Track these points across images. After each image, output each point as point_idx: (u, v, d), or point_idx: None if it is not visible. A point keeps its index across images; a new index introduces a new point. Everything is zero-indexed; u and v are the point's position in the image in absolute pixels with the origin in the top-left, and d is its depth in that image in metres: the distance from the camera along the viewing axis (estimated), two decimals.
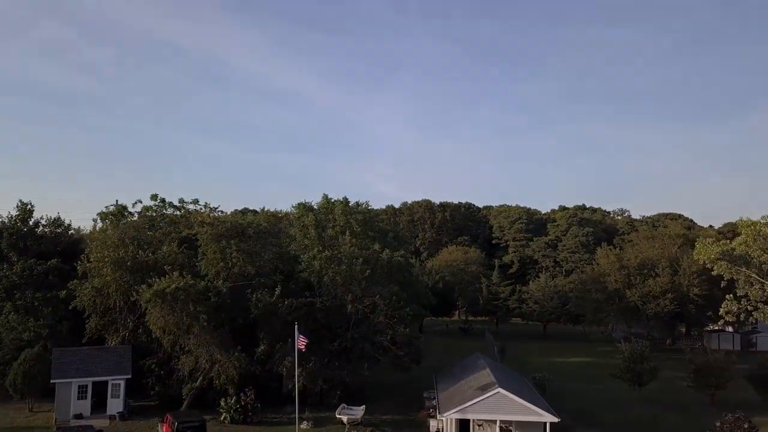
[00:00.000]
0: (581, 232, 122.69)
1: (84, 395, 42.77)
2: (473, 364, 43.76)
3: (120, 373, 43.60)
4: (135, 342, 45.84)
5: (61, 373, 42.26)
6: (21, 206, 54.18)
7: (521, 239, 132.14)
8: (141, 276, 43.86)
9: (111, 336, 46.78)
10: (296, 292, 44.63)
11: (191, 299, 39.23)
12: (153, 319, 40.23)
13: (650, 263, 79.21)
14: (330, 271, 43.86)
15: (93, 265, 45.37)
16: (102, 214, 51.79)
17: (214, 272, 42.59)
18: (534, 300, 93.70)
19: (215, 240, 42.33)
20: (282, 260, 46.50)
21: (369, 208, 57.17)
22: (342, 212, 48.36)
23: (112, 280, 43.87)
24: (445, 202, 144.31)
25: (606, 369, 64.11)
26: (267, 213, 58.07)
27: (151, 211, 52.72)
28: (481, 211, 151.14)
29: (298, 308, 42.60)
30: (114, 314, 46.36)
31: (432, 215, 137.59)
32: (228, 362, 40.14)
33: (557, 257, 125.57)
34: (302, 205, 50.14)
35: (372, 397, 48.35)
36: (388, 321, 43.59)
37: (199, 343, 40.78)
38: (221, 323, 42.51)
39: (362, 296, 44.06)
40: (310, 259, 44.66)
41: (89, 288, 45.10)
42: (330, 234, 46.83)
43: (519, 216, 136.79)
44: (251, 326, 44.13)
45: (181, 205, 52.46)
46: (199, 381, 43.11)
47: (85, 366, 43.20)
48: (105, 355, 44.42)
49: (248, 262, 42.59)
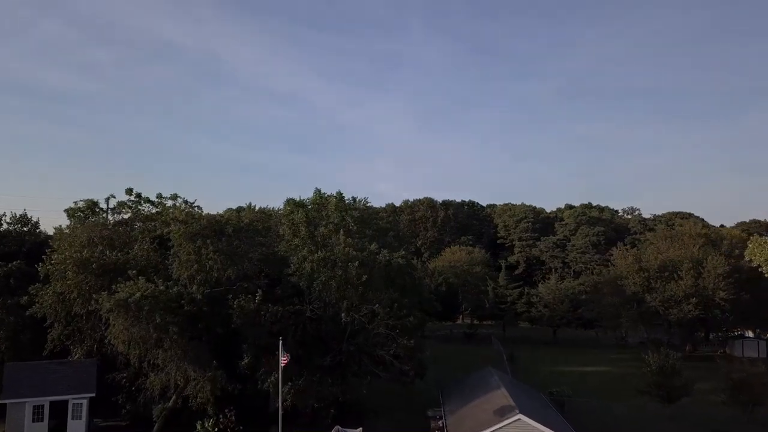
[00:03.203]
0: (591, 232, 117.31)
1: (40, 417, 37.44)
2: (485, 380, 38.42)
3: (82, 391, 38.30)
4: (103, 354, 40.44)
5: (13, 391, 36.98)
6: None
7: (527, 239, 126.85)
8: (108, 280, 38.40)
9: (76, 347, 41.42)
10: (283, 298, 39.18)
11: (160, 308, 33.78)
12: (115, 332, 34.77)
13: (671, 265, 73.73)
14: (323, 274, 38.40)
15: (54, 268, 39.95)
16: (70, 210, 46.40)
17: (187, 276, 37.12)
18: (543, 303, 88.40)
19: (189, 239, 36.83)
20: (268, 262, 40.99)
21: (367, 205, 51.69)
22: (336, 208, 42.84)
23: (74, 284, 38.44)
24: (448, 200, 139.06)
25: (625, 380, 58.97)
26: (254, 209, 52.56)
27: (126, 207, 47.37)
28: (485, 210, 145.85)
29: (284, 317, 37.16)
30: (79, 323, 40.97)
31: (434, 214, 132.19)
32: (203, 380, 34.73)
33: (566, 258, 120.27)
34: (292, 201, 44.53)
35: (370, 415, 43.11)
36: (388, 332, 38.13)
37: (170, 358, 35.35)
38: (197, 334, 37.10)
39: (359, 304, 38.57)
40: (300, 261, 39.21)
41: (50, 293, 39.71)
42: (323, 232, 41.34)
43: (525, 215, 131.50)
44: (232, 337, 38.68)
45: (158, 200, 47.07)
46: (171, 401, 37.77)
47: (43, 383, 37.91)
48: (66, 371, 39.12)
49: (228, 264, 37.11)
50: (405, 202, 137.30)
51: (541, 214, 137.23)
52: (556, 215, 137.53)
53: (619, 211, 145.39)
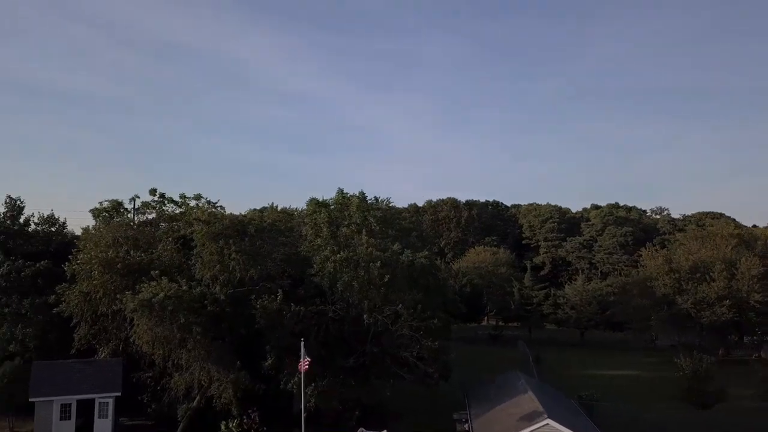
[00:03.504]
0: (619, 232, 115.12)
1: (68, 415, 37.76)
2: (512, 384, 37.61)
3: (109, 390, 38.55)
4: (129, 353, 40.60)
5: (41, 390, 37.33)
6: (9, 202, 49.54)
7: (553, 239, 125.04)
8: (132, 280, 38.55)
9: (102, 347, 41.70)
10: (306, 299, 38.89)
11: (183, 308, 33.75)
12: (139, 332, 34.86)
13: (703, 266, 71.75)
14: (345, 275, 38.00)
15: (80, 267, 40.28)
16: (95, 210, 46.77)
17: (210, 276, 37.06)
18: (570, 305, 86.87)
19: (212, 239, 36.76)
20: (290, 263, 40.74)
21: (390, 205, 51.13)
22: (358, 208, 42.41)
23: (100, 284, 38.69)
24: (472, 200, 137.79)
25: (655, 384, 57.56)
26: (276, 210, 52.52)
27: (150, 207, 47.64)
28: (510, 210, 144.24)
29: (306, 318, 36.84)
30: (105, 322, 41.23)
31: (458, 214, 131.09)
32: (226, 381, 34.61)
33: (593, 259, 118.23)
34: (314, 201, 44.24)
35: (394, 417, 42.64)
36: (412, 333, 37.55)
37: (194, 359, 35.32)
38: (220, 335, 37.03)
39: (381, 304, 38.06)
40: (322, 261, 38.88)
41: (76, 292, 40.04)
42: (345, 233, 40.94)
43: (550, 215, 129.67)
44: (256, 338, 38.52)
45: (182, 200, 47.24)
46: (195, 401, 37.77)
47: (70, 382, 38.24)
48: (92, 370, 39.40)
49: (250, 264, 36.95)
50: (428, 202, 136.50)
51: (567, 214, 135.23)
52: (582, 215, 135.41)
53: (647, 211, 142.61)
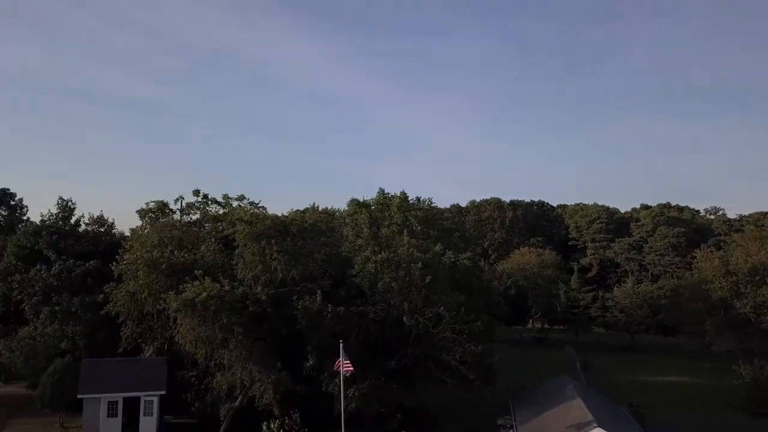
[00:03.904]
0: (671, 233, 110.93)
1: (114, 413, 38.44)
2: (559, 390, 36.32)
3: (154, 389, 39.10)
4: (173, 352, 41.12)
5: (89, 387, 38.12)
6: (61, 203, 51.11)
7: (601, 240, 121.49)
8: (176, 280, 38.99)
9: (147, 345, 42.38)
10: (347, 299, 38.54)
11: (225, 308, 33.86)
12: (183, 332, 35.16)
13: (763, 269, 68.13)
14: (386, 275, 37.46)
15: (127, 267, 41.04)
16: (141, 211, 47.67)
17: (252, 277, 37.11)
18: (619, 308, 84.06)
19: (254, 240, 36.81)
20: (332, 263, 40.49)
21: (431, 205, 50.34)
22: (399, 208, 41.82)
23: (145, 283, 39.28)
24: (516, 200, 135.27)
25: (711, 392, 54.92)
26: (317, 210, 52.48)
27: (194, 208, 48.25)
28: (555, 210, 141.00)
29: (347, 318, 36.46)
30: (150, 321, 41.88)
31: (502, 214, 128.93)
32: (267, 381, 34.55)
33: (643, 260, 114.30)
34: (355, 201, 43.89)
35: (436, 421, 41.91)
36: (454, 336, 36.70)
37: (236, 359, 35.40)
38: (262, 335, 37.02)
39: (423, 306, 37.34)
40: (363, 262, 38.44)
41: (123, 292, 40.79)
42: (386, 233, 40.40)
43: (597, 215, 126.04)
44: (297, 338, 38.39)
45: (225, 201, 47.67)
46: (238, 401, 37.88)
47: (116, 380, 38.92)
48: (138, 368, 40.06)
49: (291, 264, 36.83)
50: (471, 203, 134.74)
51: (615, 215, 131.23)
52: (631, 215, 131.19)
53: (700, 211, 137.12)
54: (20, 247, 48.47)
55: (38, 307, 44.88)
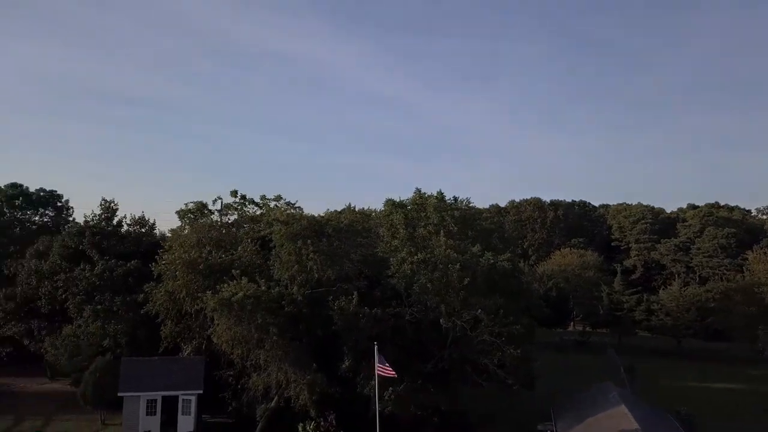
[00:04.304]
0: (720, 234, 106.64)
1: (153, 411, 38.96)
2: (603, 396, 35.02)
3: (192, 388, 39.47)
4: (211, 351, 41.42)
5: (129, 385, 38.74)
6: (104, 204, 52.20)
7: (645, 241, 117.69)
8: (214, 280, 39.22)
9: (186, 345, 42.81)
10: (383, 300, 38.06)
11: (261, 308, 33.82)
12: (219, 331, 35.28)
13: None
14: (422, 277, 36.83)
15: (166, 267, 41.53)
16: (181, 212, 48.22)
17: (288, 277, 37.01)
18: (665, 311, 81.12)
19: (290, 240, 36.69)
20: (367, 264, 40.09)
21: (469, 205, 49.39)
22: (435, 209, 41.10)
23: (183, 283, 39.66)
24: (557, 200, 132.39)
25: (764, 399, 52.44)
26: (353, 211, 52.18)
27: (231, 209, 48.58)
28: (598, 210, 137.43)
29: (382, 320, 35.97)
30: (189, 321, 42.30)
31: (542, 214, 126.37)
32: (302, 382, 34.34)
33: (690, 262, 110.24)
34: (391, 202, 43.37)
35: (474, 426, 41.04)
36: (493, 339, 35.79)
37: (271, 359, 35.34)
38: (298, 336, 36.89)
39: (460, 309, 36.55)
40: (398, 263, 37.89)
41: (162, 292, 41.30)
42: (422, 233, 39.75)
43: (642, 215, 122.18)
44: (333, 339, 38.11)
45: (262, 201, 47.86)
46: (274, 401, 37.85)
47: (155, 378, 39.45)
48: (176, 367, 40.49)
49: (327, 265, 36.57)
50: (510, 203, 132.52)
51: (661, 215, 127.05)
52: (677, 215, 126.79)
53: (752, 211, 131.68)
54: (65, 248, 49.70)
55: (81, 306, 45.89)
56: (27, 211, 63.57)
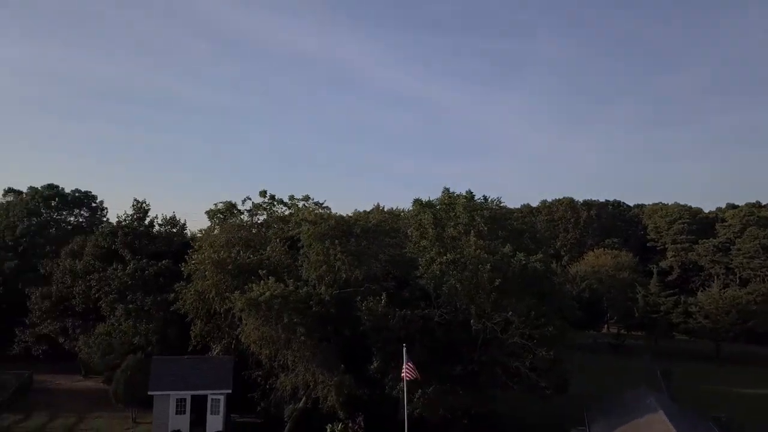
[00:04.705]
0: (762, 234, 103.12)
1: (183, 409, 39.15)
2: (639, 401, 33.88)
3: (220, 387, 39.54)
4: (240, 350, 41.47)
5: (159, 384, 38.98)
6: (136, 205, 52.87)
7: (682, 242, 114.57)
8: (243, 280, 39.22)
9: (215, 344, 42.97)
10: (411, 302, 37.52)
11: (289, 308, 33.63)
12: (247, 331, 35.23)
13: None
14: (451, 278, 36.18)
15: (195, 267, 41.75)
16: (210, 212, 48.53)
17: (316, 277, 36.78)
18: (704, 314, 78.66)
19: (318, 240, 36.46)
20: (395, 264, 39.62)
21: (500, 204, 48.48)
22: (465, 208, 40.39)
23: (212, 283, 39.77)
24: (590, 200, 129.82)
25: None
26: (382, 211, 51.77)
27: (260, 209, 48.68)
28: (632, 210, 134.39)
29: (411, 321, 35.45)
30: (218, 320, 42.44)
31: (575, 214, 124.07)
32: (330, 384, 34.04)
33: (730, 263, 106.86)
34: (419, 202, 42.81)
35: (505, 429, 40.24)
36: (524, 342, 34.95)
37: (299, 359, 35.14)
38: (325, 336, 36.62)
39: (491, 310, 35.78)
40: (427, 263, 37.31)
41: (192, 291, 41.51)
42: (451, 234, 39.09)
43: (679, 215, 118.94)
44: (361, 340, 37.74)
45: (291, 201, 47.84)
46: (302, 402, 37.65)
47: (184, 377, 39.61)
48: (205, 366, 40.63)
49: (355, 265, 36.23)
50: (542, 203, 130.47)
51: (698, 215, 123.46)
52: (716, 215, 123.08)
53: None
54: (98, 247, 50.51)
55: (114, 305, 46.56)
56: (63, 212, 65.00)
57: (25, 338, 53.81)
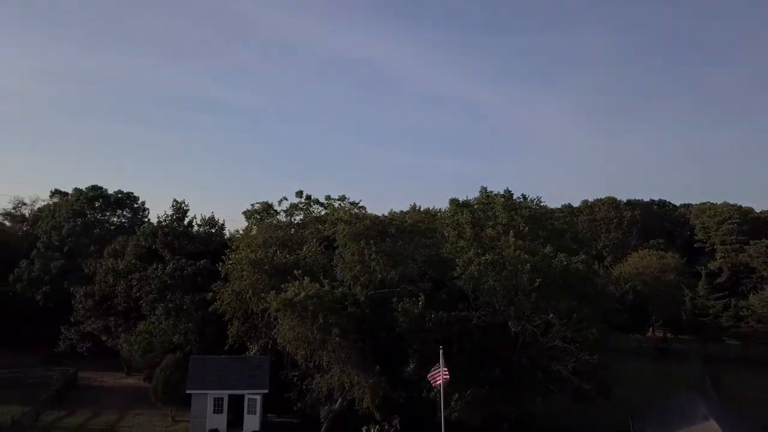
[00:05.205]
0: None
1: (220, 409, 39.34)
2: (688, 408, 32.31)
3: (257, 387, 39.57)
4: (277, 350, 41.47)
5: (197, 383, 39.26)
6: (176, 205, 53.58)
7: (733, 243, 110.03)
8: (279, 280, 39.19)
9: (252, 344, 43.10)
10: (448, 303, 36.80)
11: (324, 309, 33.36)
12: (282, 331, 35.12)
13: None
14: (490, 279, 35.30)
15: (232, 267, 41.96)
16: (247, 212, 48.76)
17: (351, 277, 36.43)
18: (756, 318, 75.28)
19: (353, 239, 36.10)
20: (432, 264, 38.94)
21: (540, 204, 47.25)
22: (504, 208, 39.42)
23: (249, 283, 39.88)
24: (633, 199, 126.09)
25: None
26: (418, 211, 51.10)
27: (297, 209, 48.66)
28: (679, 210, 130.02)
29: (449, 324, 34.73)
30: (255, 320, 42.56)
31: (618, 214, 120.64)
32: (365, 385, 33.61)
33: None
34: (456, 202, 42.03)
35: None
36: (566, 345, 33.82)
37: (334, 361, 34.84)
38: (361, 337, 36.23)
39: (531, 312, 34.76)
40: (465, 264, 36.51)
41: (229, 291, 41.74)
42: (490, 234, 38.19)
43: (728, 215, 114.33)
44: (397, 341, 37.21)
45: (327, 202, 47.66)
46: (338, 403, 37.35)
47: (221, 377, 39.79)
48: (242, 366, 40.73)
49: (391, 265, 35.73)
50: (584, 203, 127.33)
51: (750, 214, 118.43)
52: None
53: None
54: (139, 247, 51.36)
55: (154, 304, 47.22)
56: (106, 213, 66.48)
57: (70, 336, 55.18)
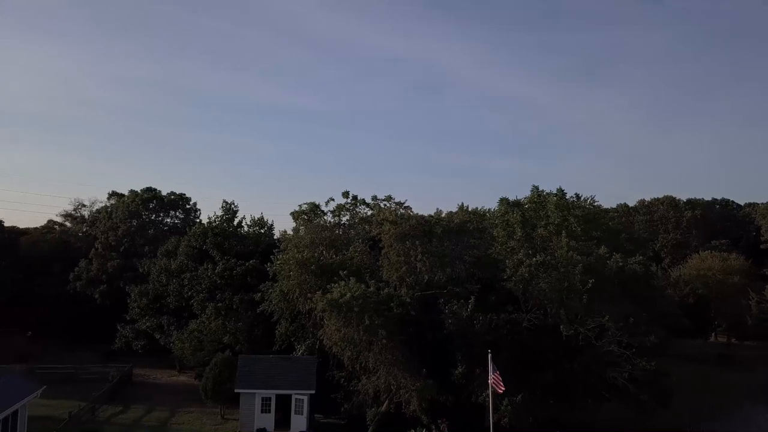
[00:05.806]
0: None
1: (268, 408, 39.46)
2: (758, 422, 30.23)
3: (304, 387, 39.43)
4: (323, 351, 41.38)
5: (245, 382, 39.47)
6: (226, 206, 54.43)
7: None
8: (325, 280, 39.10)
9: (299, 344, 43.20)
10: (497, 306, 35.79)
11: (369, 310, 32.99)
12: (328, 332, 34.93)
13: None
14: (541, 280, 34.14)
15: (280, 267, 42.18)
16: (295, 213, 49.04)
17: (397, 278, 35.92)
18: None
19: (399, 240, 35.59)
20: (480, 266, 38.00)
21: (594, 203, 45.58)
22: (556, 207, 38.10)
23: (297, 283, 39.94)
24: (694, 198, 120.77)
25: None
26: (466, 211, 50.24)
27: (343, 209, 48.59)
28: (743, 209, 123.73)
29: (498, 327, 33.75)
30: (302, 320, 42.64)
31: (677, 214, 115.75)
32: (412, 388, 33.03)
33: None
34: (505, 201, 40.93)
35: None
36: (622, 351, 32.31)
37: (380, 362, 34.41)
38: (407, 339, 35.67)
39: (584, 315, 33.39)
40: (515, 266, 35.44)
41: (277, 291, 41.96)
42: (541, 234, 36.96)
43: None
44: (444, 344, 36.49)
45: (374, 202, 47.41)
46: (384, 406, 36.91)
47: (269, 377, 39.85)
48: (289, 366, 40.66)
49: (437, 266, 35.03)
50: (640, 202, 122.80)
51: None
52: None
53: None
54: (190, 247, 52.41)
55: (204, 303, 48.03)
56: (160, 213, 68.32)
57: (125, 333, 56.84)
